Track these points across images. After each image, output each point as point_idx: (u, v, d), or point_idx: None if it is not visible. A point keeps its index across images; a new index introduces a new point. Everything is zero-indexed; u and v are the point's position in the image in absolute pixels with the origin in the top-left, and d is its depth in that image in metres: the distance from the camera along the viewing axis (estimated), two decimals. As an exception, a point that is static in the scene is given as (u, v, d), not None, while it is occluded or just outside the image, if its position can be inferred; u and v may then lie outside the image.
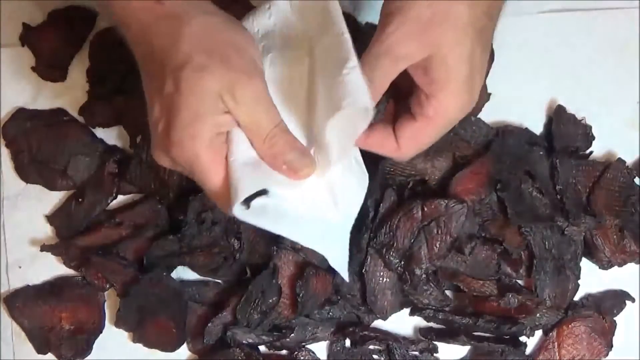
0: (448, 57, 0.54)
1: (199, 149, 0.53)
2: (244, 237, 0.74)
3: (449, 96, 0.56)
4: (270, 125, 0.54)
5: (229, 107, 0.52)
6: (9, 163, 0.79)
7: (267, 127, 0.54)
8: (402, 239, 0.71)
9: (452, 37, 0.54)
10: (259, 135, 0.54)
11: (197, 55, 0.52)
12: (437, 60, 0.54)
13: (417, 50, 0.54)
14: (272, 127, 0.54)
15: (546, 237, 0.73)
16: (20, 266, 0.78)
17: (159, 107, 0.54)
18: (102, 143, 0.79)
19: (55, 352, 0.76)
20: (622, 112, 0.79)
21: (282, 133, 0.54)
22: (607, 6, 0.79)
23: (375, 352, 0.74)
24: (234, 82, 0.52)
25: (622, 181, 0.76)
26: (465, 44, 0.54)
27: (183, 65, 0.52)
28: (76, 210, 0.77)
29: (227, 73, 0.52)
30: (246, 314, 0.72)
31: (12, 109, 0.80)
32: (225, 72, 0.52)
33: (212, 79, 0.52)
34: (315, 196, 0.57)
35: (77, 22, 0.80)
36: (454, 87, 0.55)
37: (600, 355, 0.74)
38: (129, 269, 0.74)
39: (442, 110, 0.56)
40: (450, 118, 0.57)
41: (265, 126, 0.54)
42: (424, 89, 0.56)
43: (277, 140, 0.54)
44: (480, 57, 0.56)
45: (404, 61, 0.55)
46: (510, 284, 0.74)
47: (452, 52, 0.54)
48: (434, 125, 0.57)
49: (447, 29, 0.54)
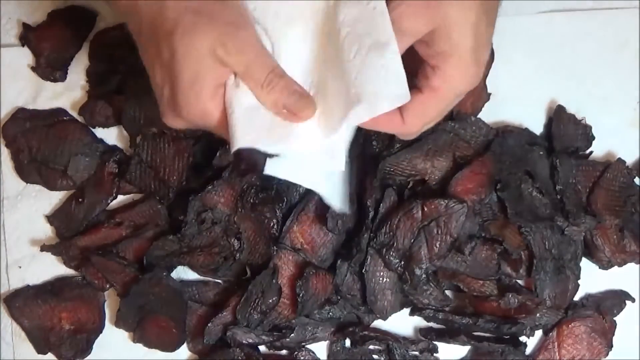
0: (453, 29, 0.55)
1: (205, 103, 0.55)
2: (244, 237, 0.74)
3: (454, 66, 0.56)
4: (265, 71, 0.55)
5: (224, 59, 0.54)
6: (9, 163, 0.79)
7: (262, 73, 0.55)
8: (402, 239, 0.71)
9: (457, 11, 0.54)
10: (256, 81, 0.55)
11: (185, 17, 0.54)
12: (441, 32, 0.55)
13: (423, 25, 0.55)
14: (267, 73, 0.55)
15: (546, 237, 0.73)
16: (20, 266, 0.78)
17: (160, 75, 0.56)
18: (102, 143, 0.79)
19: (55, 352, 0.76)
20: (622, 112, 0.79)
21: (279, 78, 0.55)
22: (607, 6, 0.79)
23: (375, 352, 0.74)
24: (223, 35, 0.54)
25: (622, 181, 0.76)
26: (469, 17, 0.55)
27: (173, 30, 0.54)
28: (76, 210, 0.77)
29: (215, 28, 0.54)
30: (246, 314, 0.72)
31: (12, 109, 0.80)
32: (213, 28, 0.54)
33: (202, 36, 0.53)
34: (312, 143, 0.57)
35: (77, 22, 0.80)
36: (460, 58, 0.56)
37: (600, 355, 0.74)
38: (129, 269, 0.74)
39: (449, 80, 0.57)
40: (457, 89, 0.58)
41: (260, 72, 0.55)
42: (429, 61, 0.56)
43: (274, 86, 0.55)
44: (485, 30, 0.57)
45: (410, 37, 0.55)
46: (510, 284, 0.74)
47: (456, 25, 0.55)
48: (441, 97, 0.57)
49: (453, 3, 0.54)
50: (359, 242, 0.72)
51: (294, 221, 0.73)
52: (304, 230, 0.74)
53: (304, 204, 0.74)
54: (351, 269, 0.72)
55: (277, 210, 0.74)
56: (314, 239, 0.74)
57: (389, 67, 0.53)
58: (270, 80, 0.55)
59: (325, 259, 0.74)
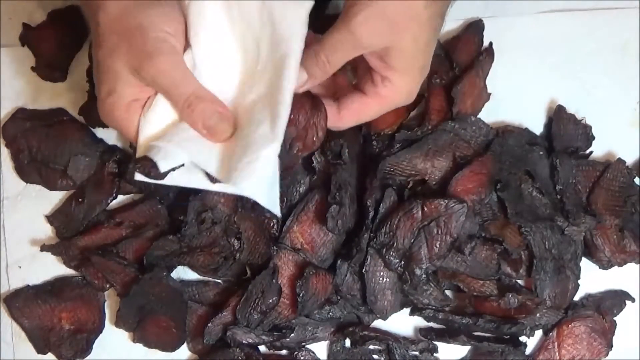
0: (408, 49, 0.61)
1: (120, 114, 0.61)
2: (244, 237, 0.74)
3: (404, 81, 0.63)
4: (183, 94, 0.60)
5: (140, 82, 0.60)
6: (9, 163, 0.79)
7: (181, 96, 0.60)
8: (402, 239, 0.71)
9: (414, 32, 0.60)
10: (176, 102, 0.60)
11: (109, 37, 0.60)
12: (396, 51, 0.61)
13: (380, 42, 0.60)
14: (187, 95, 0.60)
15: (546, 237, 0.73)
16: (20, 266, 0.78)
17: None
18: (102, 143, 0.79)
19: (55, 352, 0.76)
20: (622, 112, 0.79)
21: (198, 100, 0.60)
22: (607, 6, 0.79)
23: (375, 352, 0.74)
24: (139, 62, 0.58)
25: (622, 181, 0.76)
26: (423, 38, 0.61)
27: (99, 46, 0.60)
28: (76, 210, 0.77)
29: (132, 54, 0.59)
30: (246, 314, 0.72)
31: (12, 109, 0.80)
32: (130, 54, 0.59)
33: (120, 59, 0.59)
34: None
35: (77, 22, 0.80)
36: (410, 75, 0.63)
37: (600, 355, 0.74)
38: (129, 269, 0.74)
39: (397, 91, 0.64)
40: (401, 100, 0.65)
41: (177, 95, 0.60)
42: (380, 72, 0.63)
43: (194, 108, 0.60)
44: (432, 49, 0.64)
45: (365, 49, 0.61)
46: (510, 284, 0.74)
47: (412, 45, 0.61)
48: (385, 104, 0.65)
49: (410, 25, 0.60)
50: (359, 242, 0.72)
51: (294, 221, 0.73)
52: (304, 230, 0.74)
53: (304, 204, 0.74)
54: (351, 269, 0.72)
55: (277, 210, 0.74)
56: (314, 239, 0.74)
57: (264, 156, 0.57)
58: (191, 103, 0.59)
59: (325, 259, 0.74)
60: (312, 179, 0.74)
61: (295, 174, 0.74)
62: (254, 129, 0.59)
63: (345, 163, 0.73)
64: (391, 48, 0.61)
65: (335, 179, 0.72)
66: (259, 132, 0.58)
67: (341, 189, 0.71)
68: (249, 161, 0.57)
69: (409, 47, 0.61)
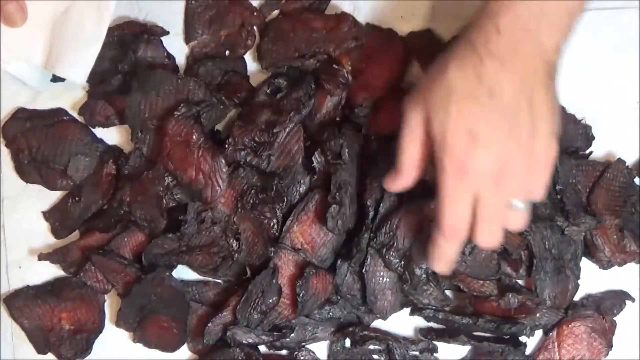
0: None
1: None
2: (243, 238, 0.74)
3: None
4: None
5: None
6: (9, 163, 0.79)
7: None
8: (402, 239, 0.71)
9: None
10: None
11: None
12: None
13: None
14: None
15: (546, 237, 0.73)
16: (20, 266, 0.78)
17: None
18: (102, 143, 0.79)
19: (55, 352, 0.76)
20: (622, 112, 0.79)
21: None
22: (607, 6, 0.79)
23: (375, 352, 0.74)
24: None
25: (622, 181, 0.76)
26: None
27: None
28: (72, 208, 0.77)
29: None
30: (246, 314, 0.72)
31: (12, 109, 0.80)
32: None
33: None
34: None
35: (77, 22, 0.80)
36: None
37: (600, 355, 0.74)
38: (130, 269, 0.74)
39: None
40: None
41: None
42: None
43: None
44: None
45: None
46: (510, 284, 0.74)
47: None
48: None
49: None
50: (359, 242, 0.72)
51: (294, 221, 0.73)
52: (304, 230, 0.74)
53: (304, 204, 0.74)
54: (351, 269, 0.72)
55: (277, 210, 0.74)
56: (314, 239, 0.74)
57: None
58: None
59: (325, 259, 0.74)
60: (312, 179, 0.74)
61: (295, 174, 0.74)
62: (81, 30, 0.75)
63: (345, 163, 0.73)
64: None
65: (335, 179, 0.72)
66: (86, 31, 0.75)
67: (341, 189, 0.71)
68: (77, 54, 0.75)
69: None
